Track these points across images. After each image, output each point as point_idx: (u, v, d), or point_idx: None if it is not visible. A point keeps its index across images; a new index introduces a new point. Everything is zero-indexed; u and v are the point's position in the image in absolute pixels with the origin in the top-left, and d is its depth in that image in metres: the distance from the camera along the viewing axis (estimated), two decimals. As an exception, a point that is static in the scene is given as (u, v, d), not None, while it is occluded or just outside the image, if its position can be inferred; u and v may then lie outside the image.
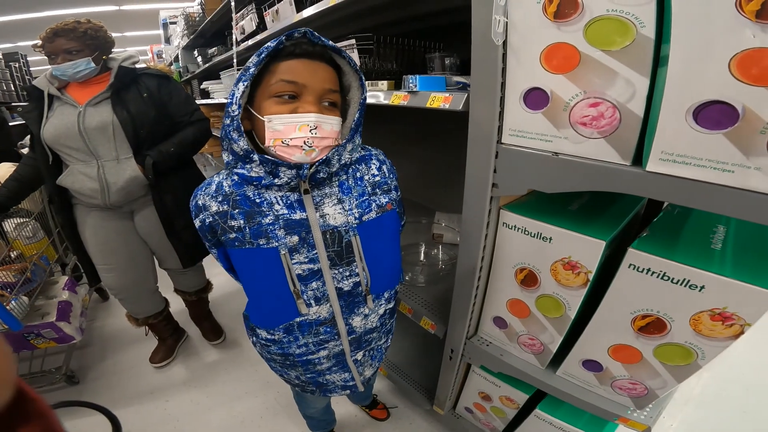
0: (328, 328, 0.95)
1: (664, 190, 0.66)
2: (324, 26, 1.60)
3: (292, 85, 0.77)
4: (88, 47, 1.50)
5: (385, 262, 0.96)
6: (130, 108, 1.55)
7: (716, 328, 0.72)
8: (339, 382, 1.08)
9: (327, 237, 0.85)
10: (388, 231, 0.95)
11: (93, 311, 2.72)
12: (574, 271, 0.87)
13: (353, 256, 0.88)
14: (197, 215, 0.87)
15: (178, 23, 4.21)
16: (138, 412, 1.92)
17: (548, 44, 0.70)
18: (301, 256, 0.85)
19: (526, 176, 0.84)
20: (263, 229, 0.82)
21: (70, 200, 1.72)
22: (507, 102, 0.81)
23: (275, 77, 0.77)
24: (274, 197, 0.82)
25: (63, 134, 1.50)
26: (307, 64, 0.78)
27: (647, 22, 0.59)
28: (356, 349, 1.03)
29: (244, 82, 0.75)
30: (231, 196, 0.83)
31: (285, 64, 0.77)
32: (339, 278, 0.89)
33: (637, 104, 0.64)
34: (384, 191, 0.93)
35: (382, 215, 0.91)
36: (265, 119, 0.77)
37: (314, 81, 0.78)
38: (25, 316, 1.71)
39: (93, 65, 1.51)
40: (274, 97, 0.78)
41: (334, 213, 0.85)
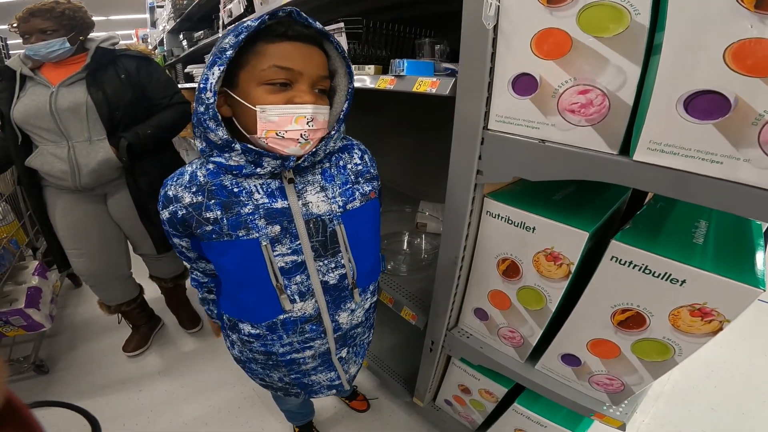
0: (314, 325, 0.91)
1: (650, 181, 0.64)
2: (313, 9, 1.56)
3: (287, 72, 0.71)
4: (64, 27, 1.45)
5: (369, 253, 0.94)
6: (105, 89, 1.51)
7: (695, 324, 0.72)
8: (325, 382, 1.05)
9: (311, 226, 0.81)
10: (372, 220, 0.93)
11: (64, 298, 2.65)
12: (556, 262, 0.86)
13: (338, 247, 0.85)
14: (166, 206, 0.81)
15: (165, 7, 4.11)
16: (109, 403, 1.87)
17: (540, 29, 0.69)
18: (283, 247, 0.80)
19: (511, 164, 0.82)
20: (242, 219, 0.77)
21: (39, 182, 1.66)
22: (495, 87, 0.79)
23: (266, 61, 0.71)
24: (254, 185, 0.78)
25: (33, 114, 1.46)
26: (302, 49, 0.72)
27: (642, 10, 0.58)
28: (341, 347, 1.00)
29: (220, 66, 0.68)
30: (206, 186, 0.78)
31: (277, 47, 0.71)
32: (324, 270, 0.86)
33: (627, 92, 0.63)
34: (367, 179, 0.91)
35: (366, 203, 0.89)
36: (258, 109, 0.72)
37: (310, 67, 0.73)
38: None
39: (68, 45, 1.46)
40: (265, 84, 0.72)
41: (317, 201, 0.81)
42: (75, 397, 1.90)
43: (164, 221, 0.84)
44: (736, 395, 1.86)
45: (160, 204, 0.83)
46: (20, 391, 1.92)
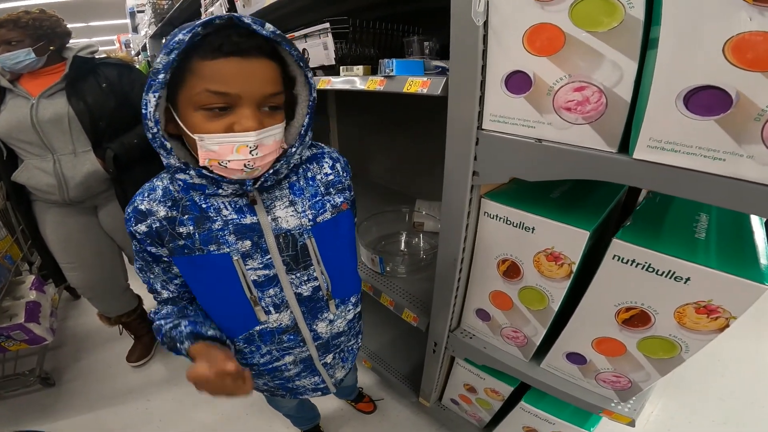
0: (292, 335, 0.90)
1: (651, 179, 0.63)
2: (297, 10, 1.53)
3: (222, 97, 0.63)
4: (30, 37, 1.42)
5: (344, 265, 0.92)
6: (87, 99, 1.48)
7: (701, 321, 0.70)
8: (309, 386, 1.05)
9: (280, 241, 0.79)
10: (345, 231, 0.89)
11: (64, 310, 2.64)
12: (557, 262, 0.84)
13: (310, 260, 0.83)
14: (141, 221, 0.75)
15: (145, 11, 4.03)
16: (118, 413, 1.88)
17: (531, 25, 0.66)
18: (254, 261, 0.79)
19: (507, 164, 0.80)
20: (213, 234, 0.75)
21: (28, 197, 1.64)
22: (488, 86, 0.77)
23: (199, 84, 0.62)
24: (222, 202, 0.75)
25: (15, 128, 1.43)
26: (240, 65, 0.63)
27: (636, 3, 0.56)
28: (325, 353, 0.99)
29: (155, 93, 0.61)
30: (180, 201, 0.75)
31: (211, 66, 0.62)
32: (297, 283, 0.84)
33: (624, 89, 0.61)
34: (338, 190, 0.86)
35: (337, 215, 0.86)
36: (196, 138, 0.65)
37: (251, 87, 0.64)
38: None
39: (33, 56, 1.42)
40: (201, 109, 0.64)
41: (286, 216, 0.79)
42: (85, 409, 1.91)
43: (141, 235, 0.76)
44: (744, 384, 1.85)
45: (132, 220, 0.75)
46: (29, 405, 1.94)
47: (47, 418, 1.86)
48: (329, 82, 1.16)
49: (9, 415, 1.89)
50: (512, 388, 1.21)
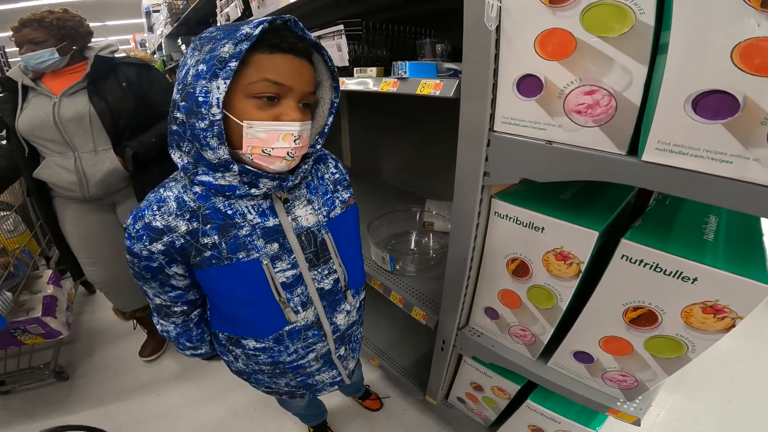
0: (315, 330, 0.93)
1: (659, 181, 0.64)
2: (312, 12, 1.55)
3: (277, 87, 0.68)
4: (54, 37, 1.43)
5: (355, 255, 0.98)
6: (107, 98, 1.50)
7: (707, 321, 0.71)
8: (328, 380, 1.07)
9: (302, 239, 0.82)
10: (353, 225, 0.96)
11: (80, 305, 2.68)
12: (566, 261, 0.85)
13: (329, 254, 0.88)
14: (156, 239, 0.73)
15: (161, 11, 4.07)
16: (130, 408, 1.91)
17: (543, 30, 0.68)
18: (283, 263, 0.81)
19: (518, 165, 0.82)
20: (241, 241, 0.76)
21: (49, 193, 1.67)
22: (499, 89, 0.79)
23: (257, 74, 0.66)
24: (246, 206, 0.76)
25: (38, 126, 1.45)
26: (294, 63, 0.69)
27: (647, 9, 0.57)
28: (340, 346, 1.02)
29: (225, 80, 0.63)
30: (199, 211, 0.74)
31: (270, 59, 0.67)
32: (319, 278, 0.88)
33: (634, 92, 0.62)
34: (344, 187, 0.93)
35: (346, 210, 0.92)
36: (245, 124, 0.68)
37: (300, 83, 0.70)
38: (10, 312, 1.66)
39: (57, 56, 1.44)
40: (253, 97, 0.67)
41: (305, 214, 0.82)
42: (96, 403, 1.94)
43: (153, 255, 0.75)
44: (751, 387, 1.85)
45: (144, 239, 0.73)
46: (42, 399, 1.97)
47: (59, 412, 1.88)
48: (343, 83, 1.17)
49: (22, 409, 1.92)
50: (519, 386, 1.22)
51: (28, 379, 1.99)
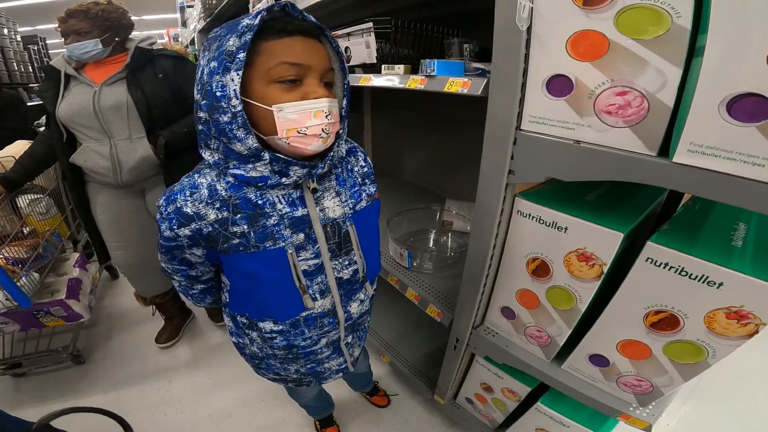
0: (331, 318, 0.94)
1: (690, 183, 0.63)
2: (341, 9, 1.55)
3: (296, 68, 0.68)
4: (98, 28, 1.47)
5: (374, 248, 0.99)
6: (144, 88, 1.53)
7: (731, 327, 0.70)
8: (335, 367, 1.08)
9: (327, 230, 0.83)
10: (375, 218, 0.96)
11: (102, 289, 2.72)
12: (588, 262, 0.84)
13: (351, 246, 0.88)
14: (185, 224, 0.75)
15: (194, 6, 4.07)
16: (141, 393, 1.92)
17: (575, 31, 0.67)
18: (307, 252, 0.82)
19: (544, 164, 0.81)
20: (269, 231, 0.77)
21: (82, 178, 1.71)
22: (528, 88, 0.78)
23: (273, 59, 0.67)
24: (276, 196, 0.76)
25: (77, 113, 1.49)
26: (305, 42, 0.70)
27: (684, 12, 0.56)
28: (349, 334, 1.03)
29: (237, 72, 0.64)
30: (230, 200, 0.75)
31: (282, 43, 0.68)
32: (339, 268, 0.89)
33: (667, 94, 0.61)
34: (372, 181, 0.94)
35: (371, 204, 0.92)
36: (275, 108, 0.68)
37: (317, 60, 0.70)
38: (35, 293, 1.69)
39: (100, 47, 1.48)
40: (276, 82, 0.68)
41: (333, 206, 0.83)
42: (109, 387, 1.95)
43: (180, 238, 0.78)
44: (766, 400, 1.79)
45: (174, 222, 0.75)
46: (56, 382, 1.98)
47: (71, 395, 1.90)
48: (369, 80, 1.18)
49: (35, 391, 1.94)
50: (530, 388, 1.20)
51: (45, 361, 2.00)
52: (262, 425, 1.74)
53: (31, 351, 2.03)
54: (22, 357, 2.00)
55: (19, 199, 1.87)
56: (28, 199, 1.93)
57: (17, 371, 1.99)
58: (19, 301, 1.55)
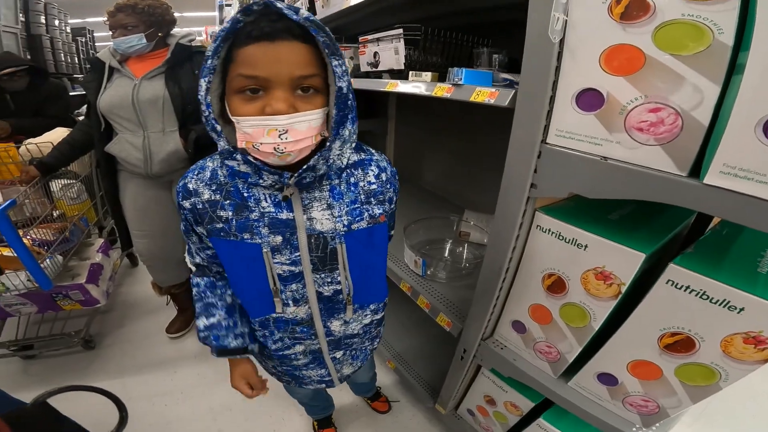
0: (305, 328, 0.90)
1: (720, 206, 0.59)
2: (372, 14, 1.54)
3: (252, 80, 0.63)
4: (144, 24, 1.50)
5: (370, 274, 0.89)
6: (181, 83, 1.56)
7: (747, 351, 0.66)
8: (315, 377, 1.04)
9: (312, 241, 0.77)
10: (378, 243, 0.85)
11: (120, 277, 2.73)
12: (606, 281, 0.80)
13: (336, 264, 0.81)
14: (186, 198, 0.77)
15: (232, 5, 4.07)
16: (145, 382, 1.90)
17: (610, 45, 0.65)
18: (283, 257, 0.78)
19: (568, 179, 0.78)
20: (249, 224, 0.75)
21: (115, 167, 1.73)
22: (557, 101, 0.75)
23: (234, 69, 0.63)
24: (262, 194, 0.74)
25: (117, 104, 1.52)
26: (269, 49, 0.61)
27: (726, 29, 0.53)
28: (335, 349, 0.98)
29: (205, 78, 0.63)
30: (225, 186, 0.75)
31: (243, 51, 0.62)
32: (320, 283, 0.83)
33: (703, 113, 0.58)
34: (379, 201, 0.81)
35: (373, 226, 0.81)
36: (234, 120, 0.66)
37: (279, 70, 0.62)
38: (57, 275, 1.69)
39: (144, 42, 1.51)
40: (237, 93, 0.64)
41: (321, 218, 0.76)
42: (114, 374, 1.94)
43: (185, 210, 0.79)
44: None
45: (180, 195, 0.78)
46: (64, 366, 1.98)
47: (77, 380, 1.89)
48: (396, 86, 1.16)
49: (42, 374, 1.93)
50: (534, 403, 1.15)
51: (57, 345, 2.01)
52: (259, 421, 1.72)
53: (45, 334, 2.03)
54: (34, 339, 2.00)
55: (52, 183, 1.88)
56: (61, 183, 1.94)
57: (28, 353, 1.99)
58: (41, 282, 1.55)
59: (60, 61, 5.07)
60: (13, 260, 1.48)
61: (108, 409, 1.26)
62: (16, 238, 1.43)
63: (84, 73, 5.48)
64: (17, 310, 1.77)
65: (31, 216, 1.67)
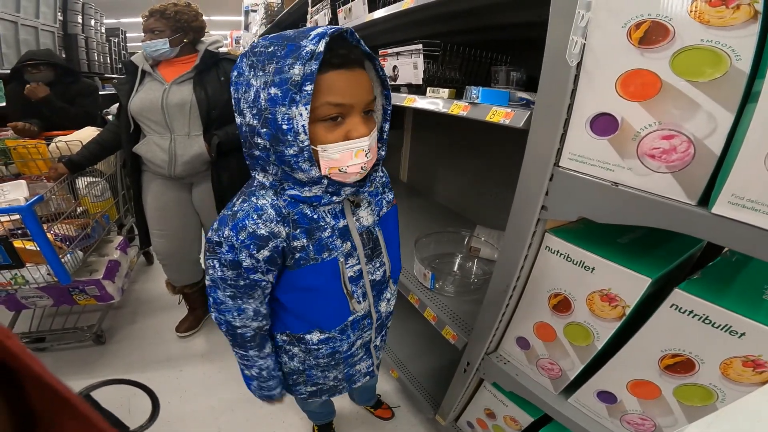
0: (369, 319, 0.96)
1: (727, 236, 0.59)
2: (392, 29, 1.56)
3: (340, 108, 0.64)
4: (170, 29, 1.53)
5: (396, 250, 0.99)
6: (207, 89, 1.58)
7: (745, 374, 0.65)
8: (364, 370, 1.08)
9: (363, 237, 0.84)
10: (395, 222, 0.98)
11: (136, 274, 2.74)
12: (611, 303, 0.80)
13: (380, 249, 0.90)
14: (263, 246, 0.71)
15: (258, 11, 4.04)
16: (151, 379, 1.85)
17: (627, 70, 0.64)
18: (352, 259, 0.83)
19: (579, 203, 0.78)
20: (324, 242, 0.77)
21: (140, 167, 1.76)
22: (571, 125, 0.75)
23: (317, 98, 0.62)
24: (324, 211, 0.77)
25: (147, 107, 1.55)
26: (350, 77, 0.64)
27: (744, 55, 0.53)
28: (377, 335, 1.04)
29: (306, 106, 0.59)
30: (289, 217, 0.73)
31: (326, 78, 0.62)
32: (372, 270, 0.90)
33: (715, 141, 0.58)
34: (389, 189, 0.96)
35: (391, 209, 0.95)
36: (319, 149, 0.66)
37: (359, 96, 0.65)
38: (76, 270, 1.70)
39: (167, 47, 1.54)
40: (320, 120, 0.64)
41: (366, 215, 0.84)
42: (121, 370, 1.94)
43: (259, 263, 0.72)
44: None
45: (253, 247, 0.70)
46: (73, 360, 1.97)
47: (85, 374, 1.88)
48: (414, 101, 1.17)
49: (51, 367, 1.88)
50: (533, 419, 1.14)
51: (69, 339, 2.01)
52: (260, 422, 1.70)
53: (57, 327, 2.04)
54: (47, 332, 2.01)
55: (78, 181, 1.92)
56: (87, 181, 1.97)
57: (39, 345, 1.99)
58: (60, 277, 1.56)
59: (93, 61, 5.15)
60: (35, 254, 1.49)
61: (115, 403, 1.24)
62: (41, 233, 1.44)
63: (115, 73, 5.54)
64: (33, 302, 1.79)
65: (55, 211, 1.68)
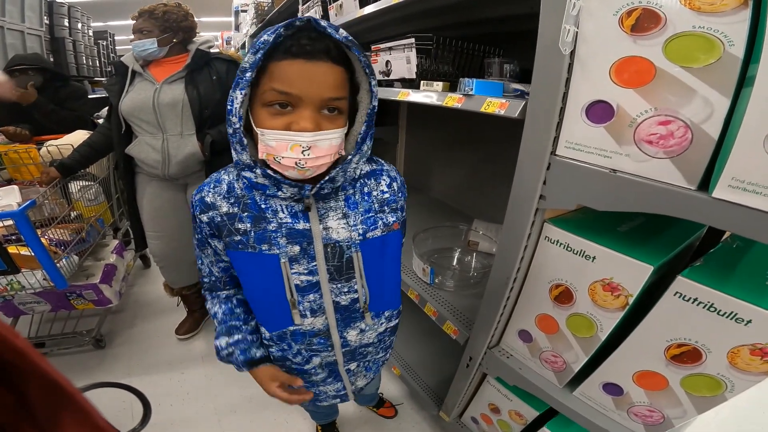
0: (322, 339, 0.89)
1: (728, 220, 0.59)
2: (384, 24, 1.55)
3: (284, 96, 0.64)
4: (159, 29, 1.54)
5: (385, 282, 0.88)
6: (199, 88, 1.58)
7: (754, 363, 0.65)
8: (331, 392, 1.03)
9: (328, 250, 0.78)
10: (392, 250, 0.85)
11: (133, 277, 2.74)
12: (613, 293, 0.80)
13: (353, 273, 0.81)
14: (204, 211, 0.77)
15: (248, 11, 4.07)
16: (153, 382, 1.89)
17: (621, 57, 0.64)
18: (300, 266, 0.78)
19: (577, 191, 0.77)
20: (267, 235, 0.75)
21: (133, 169, 1.76)
22: (567, 113, 0.75)
23: (268, 82, 0.64)
24: (279, 205, 0.75)
25: (138, 107, 1.54)
26: (305, 68, 0.62)
27: (737, 41, 0.53)
28: (350, 361, 0.96)
29: (242, 90, 0.63)
30: (242, 199, 0.75)
31: (279, 66, 0.63)
32: (337, 292, 0.82)
33: (712, 126, 0.58)
34: (392, 209, 0.83)
35: (387, 234, 0.82)
36: (258, 132, 0.66)
37: (311, 90, 0.63)
38: (72, 275, 1.70)
39: (155, 46, 1.54)
40: (266, 106, 0.65)
41: (337, 227, 0.77)
42: (123, 374, 1.93)
43: (202, 224, 0.79)
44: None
45: (197, 208, 0.78)
46: (74, 364, 1.97)
47: (86, 378, 1.88)
48: (407, 95, 1.17)
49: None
50: (538, 413, 1.14)
51: (68, 343, 2.01)
52: (263, 424, 1.70)
53: (57, 332, 2.04)
54: (46, 337, 2.01)
55: (70, 185, 1.90)
56: (79, 185, 1.96)
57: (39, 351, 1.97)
58: (56, 282, 1.56)
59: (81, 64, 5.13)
60: (30, 259, 1.49)
61: (118, 406, 1.25)
62: (35, 238, 1.44)
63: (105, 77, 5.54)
64: (31, 308, 1.79)
65: (49, 216, 1.68)
